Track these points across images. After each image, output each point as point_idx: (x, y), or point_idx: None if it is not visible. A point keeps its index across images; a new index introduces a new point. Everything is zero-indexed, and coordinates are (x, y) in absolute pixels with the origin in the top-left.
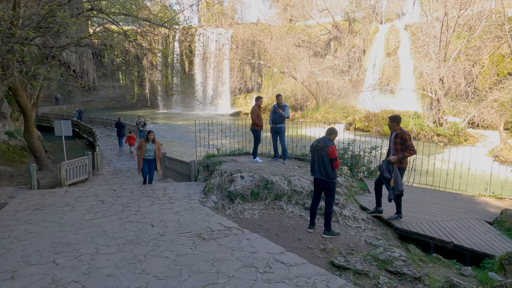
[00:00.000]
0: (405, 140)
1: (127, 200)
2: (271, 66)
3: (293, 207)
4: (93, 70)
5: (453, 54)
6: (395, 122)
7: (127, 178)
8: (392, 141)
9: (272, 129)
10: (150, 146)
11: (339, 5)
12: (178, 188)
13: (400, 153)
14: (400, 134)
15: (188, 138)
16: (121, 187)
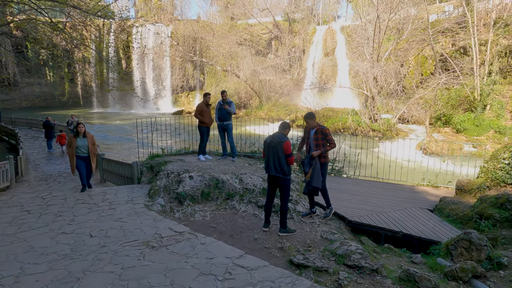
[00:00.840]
0: (325, 134)
1: (59, 208)
2: (214, 64)
3: (246, 206)
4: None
5: (384, 55)
6: (313, 119)
7: (58, 183)
8: (312, 138)
9: (219, 126)
10: (81, 141)
11: (279, 6)
12: (119, 192)
13: (322, 148)
14: (320, 129)
15: (128, 138)
16: (51, 194)
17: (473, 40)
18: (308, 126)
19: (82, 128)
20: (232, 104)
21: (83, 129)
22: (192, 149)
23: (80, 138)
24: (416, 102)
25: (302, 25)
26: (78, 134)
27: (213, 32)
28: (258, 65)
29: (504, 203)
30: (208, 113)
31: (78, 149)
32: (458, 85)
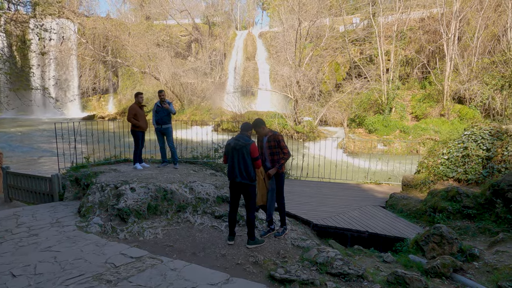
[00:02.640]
0: (278, 141)
1: None
2: (130, 65)
3: (201, 217)
4: None
5: (305, 60)
6: (261, 126)
7: None
8: (265, 146)
9: (157, 130)
10: None
11: (198, 8)
12: (37, 212)
13: (276, 156)
14: (273, 135)
15: (31, 148)
16: None
17: (380, 50)
18: (259, 134)
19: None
20: (171, 104)
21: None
22: (125, 157)
23: None
24: (333, 105)
25: (222, 28)
26: None
27: (129, 31)
28: (178, 67)
29: (455, 196)
30: (143, 116)
31: None
32: (368, 90)
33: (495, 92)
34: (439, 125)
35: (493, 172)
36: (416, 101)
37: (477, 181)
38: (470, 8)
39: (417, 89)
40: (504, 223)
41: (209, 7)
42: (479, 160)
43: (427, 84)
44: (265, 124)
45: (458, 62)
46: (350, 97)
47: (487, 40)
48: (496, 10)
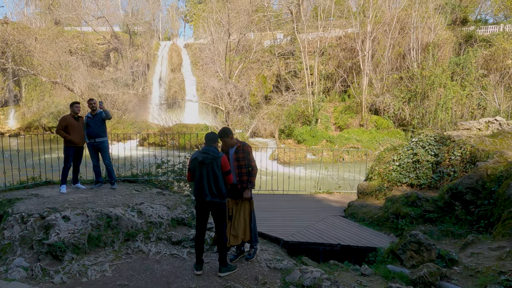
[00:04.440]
0: (248, 153)
1: None
2: (37, 74)
3: (156, 245)
4: None
5: (235, 73)
6: (229, 136)
7: None
8: (232, 159)
9: (90, 145)
10: None
11: (117, 16)
12: None
13: (244, 169)
14: (242, 146)
15: None
16: None
17: (304, 64)
18: (224, 145)
19: None
20: (107, 111)
21: None
22: (46, 179)
23: None
24: (263, 117)
25: (145, 38)
26: None
27: (35, 36)
28: (95, 78)
29: (415, 201)
30: (78, 128)
31: None
32: (296, 102)
33: (404, 104)
34: (360, 134)
35: (443, 176)
36: (338, 113)
37: (429, 185)
38: (379, 30)
39: (338, 102)
40: (465, 224)
41: (129, 16)
42: (429, 165)
43: (346, 97)
44: (232, 134)
45: (372, 77)
46: (279, 108)
47: (394, 58)
48: (399, 33)
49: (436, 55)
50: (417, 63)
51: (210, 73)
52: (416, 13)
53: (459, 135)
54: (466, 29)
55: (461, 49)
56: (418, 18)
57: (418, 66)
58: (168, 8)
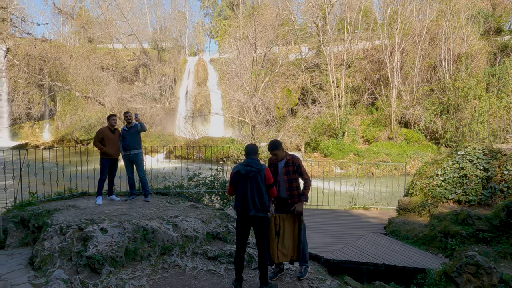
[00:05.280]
0: (299, 166)
1: None
2: (71, 89)
3: (192, 260)
4: None
5: (261, 86)
6: (280, 149)
7: None
8: (282, 172)
9: (125, 157)
10: None
11: (146, 33)
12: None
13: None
14: (292, 159)
15: None
16: None
17: (331, 77)
18: (275, 158)
19: None
20: (142, 124)
21: None
22: (82, 190)
23: None
24: (288, 130)
25: (172, 54)
26: None
27: (70, 53)
28: (125, 92)
29: (465, 219)
30: (113, 141)
31: None
32: (321, 115)
33: (436, 117)
34: (389, 148)
35: (495, 192)
36: (365, 126)
37: (479, 202)
38: (408, 41)
39: (365, 114)
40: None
41: (157, 33)
42: (478, 180)
43: (374, 110)
44: (282, 146)
45: (401, 89)
46: (305, 121)
47: (424, 69)
48: (430, 44)
49: (470, 65)
50: (449, 74)
51: (235, 87)
52: (447, 23)
53: (510, 148)
54: (501, 39)
55: (496, 59)
56: (450, 29)
57: (450, 77)
58: (194, 24)
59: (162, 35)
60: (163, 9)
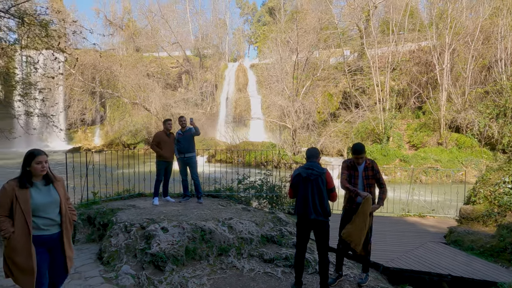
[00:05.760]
0: (378, 170)
1: None
2: (121, 96)
3: (249, 262)
4: None
5: (302, 90)
6: (365, 151)
7: None
8: (362, 176)
9: (180, 160)
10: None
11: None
12: None
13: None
14: (371, 163)
15: None
16: None
17: (375, 80)
18: (357, 161)
19: (45, 165)
20: (197, 128)
21: (46, 167)
22: (139, 191)
23: (39, 187)
24: (329, 135)
25: (213, 60)
26: (31, 176)
27: (121, 62)
28: (169, 98)
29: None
30: (168, 144)
31: (38, 216)
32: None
33: (491, 121)
34: (439, 154)
35: None
36: (412, 130)
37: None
38: (459, 41)
39: (412, 119)
40: None
41: (199, 40)
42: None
43: (421, 114)
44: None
45: (452, 91)
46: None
47: (477, 71)
48: (483, 43)
49: None
50: (506, 76)
51: (276, 92)
52: (504, 21)
53: None
54: None
55: None
56: (506, 27)
57: (508, 78)
58: (234, 31)
59: (204, 42)
60: (204, 17)
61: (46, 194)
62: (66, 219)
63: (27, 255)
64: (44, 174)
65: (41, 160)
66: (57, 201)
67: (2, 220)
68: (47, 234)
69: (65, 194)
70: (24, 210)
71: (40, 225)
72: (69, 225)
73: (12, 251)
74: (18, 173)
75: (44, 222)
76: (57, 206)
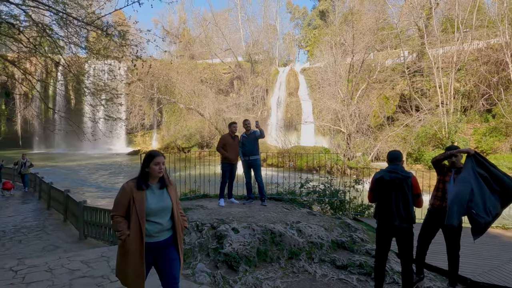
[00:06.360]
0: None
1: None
2: (177, 102)
3: (321, 267)
4: None
5: (357, 94)
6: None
7: (19, 244)
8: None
9: (244, 163)
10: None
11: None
12: None
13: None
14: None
15: (84, 181)
16: (22, 263)
17: (437, 82)
18: (453, 164)
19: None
20: (262, 131)
21: (163, 169)
22: (204, 192)
23: (154, 191)
24: (386, 140)
25: (264, 66)
26: (148, 178)
27: (177, 70)
28: (221, 103)
29: None
30: (234, 147)
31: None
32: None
33: None
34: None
35: None
36: (480, 135)
37: None
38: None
39: (479, 122)
40: None
41: (250, 46)
42: None
43: (490, 117)
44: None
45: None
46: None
47: None
48: None
49: None
50: None
51: (328, 95)
52: None
53: None
54: None
55: None
56: None
57: None
58: (283, 36)
59: (255, 48)
60: (255, 23)
61: (159, 198)
62: (178, 225)
63: (139, 259)
64: (160, 178)
65: (159, 162)
66: (169, 207)
67: (118, 220)
68: (154, 241)
69: (177, 199)
70: (139, 213)
71: (149, 230)
72: (181, 231)
73: (125, 254)
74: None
75: (153, 228)
76: (169, 211)
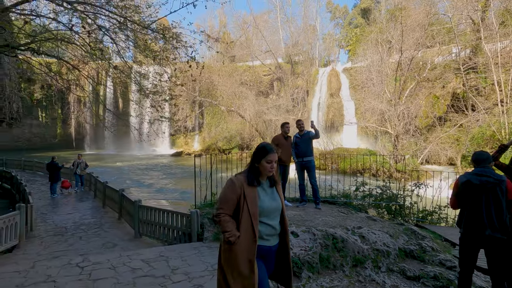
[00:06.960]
0: None
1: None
2: (218, 104)
3: (389, 277)
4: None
5: (405, 93)
6: None
7: (80, 240)
8: None
9: (298, 164)
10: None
11: (279, 48)
12: (183, 254)
13: None
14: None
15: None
16: (87, 259)
17: (496, 79)
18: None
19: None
20: (317, 131)
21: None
22: None
23: (265, 189)
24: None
25: (305, 67)
26: (260, 173)
27: (218, 73)
28: (261, 105)
29: None
30: (286, 147)
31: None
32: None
33: None
34: None
35: None
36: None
37: None
38: None
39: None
40: None
41: (290, 47)
42: None
43: None
44: None
45: None
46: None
47: None
48: None
49: None
50: None
51: (373, 95)
52: None
53: None
54: None
55: None
56: None
57: None
58: (324, 36)
59: (295, 49)
60: (295, 24)
61: (271, 197)
62: (288, 229)
63: (251, 266)
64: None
65: (272, 160)
66: (279, 207)
67: (226, 220)
68: (267, 246)
69: (283, 200)
70: (251, 211)
71: (262, 232)
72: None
73: (234, 259)
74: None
75: (265, 230)
76: (279, 213)
